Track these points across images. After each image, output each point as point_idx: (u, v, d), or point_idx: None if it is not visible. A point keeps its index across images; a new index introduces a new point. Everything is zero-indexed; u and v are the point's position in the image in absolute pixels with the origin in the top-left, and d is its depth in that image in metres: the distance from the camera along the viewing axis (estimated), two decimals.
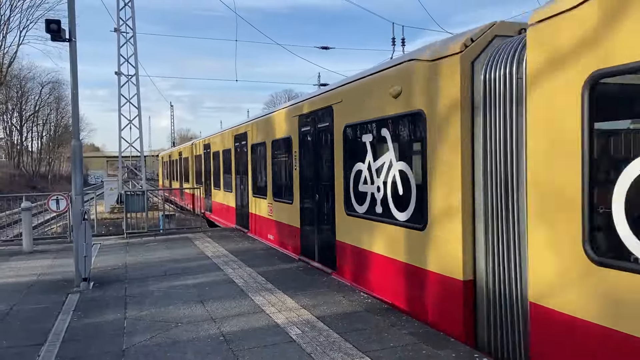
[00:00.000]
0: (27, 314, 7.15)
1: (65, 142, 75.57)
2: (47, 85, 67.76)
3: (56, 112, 76.32)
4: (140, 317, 6.86)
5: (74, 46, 8.71)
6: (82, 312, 7.17)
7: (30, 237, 12.83)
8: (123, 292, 8.22)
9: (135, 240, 14.21)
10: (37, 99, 68.33)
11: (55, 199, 12.95)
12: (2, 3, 39.07)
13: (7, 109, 60.32)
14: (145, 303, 7.53)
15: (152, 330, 6.27)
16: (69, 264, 10.04)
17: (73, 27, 8.69)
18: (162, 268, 10.08)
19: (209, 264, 10.41)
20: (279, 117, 11.89)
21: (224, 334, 6.06)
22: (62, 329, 6.44)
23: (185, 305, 7.37)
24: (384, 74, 7.26)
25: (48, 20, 8.59)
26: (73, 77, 8.77)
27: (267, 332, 6.11)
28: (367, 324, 6.27)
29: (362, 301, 7.27)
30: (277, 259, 10.65)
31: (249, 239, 13.75)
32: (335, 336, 5.87)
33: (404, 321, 6.34)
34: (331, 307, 7.05)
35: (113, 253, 12.04)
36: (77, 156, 8.77)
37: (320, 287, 8.18)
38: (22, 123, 66.57)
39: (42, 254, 12.23)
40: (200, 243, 13.17)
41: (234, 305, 7.27)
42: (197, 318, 6.74)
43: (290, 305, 7.20)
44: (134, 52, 27.72)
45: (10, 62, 44.07)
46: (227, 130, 17.41)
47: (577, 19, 4.01)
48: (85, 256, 8.45)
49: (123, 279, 9.24)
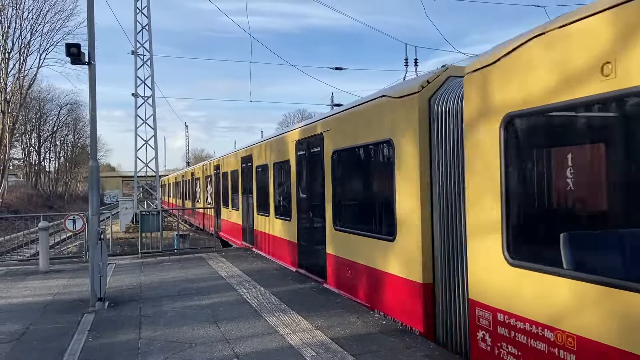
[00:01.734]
0: (43, 334, 7.20)
1: (82, 162, 76.63)
2: (65, 107, 69.04)
3: (74, 133, 77.59)
4: (154, 337, 6.87)
5: (93, 69, 8.91)
6: (97, 332, 7.20)
7: (47, 257, 12.95)
8: (138, 312, 8.25)
9: (149, 259, 14.28)
10: (56, 120, 69.61)
11: (72, 218, 13.07)
12: (23, 27, 40.12)
13: (26, 130, 61.43)
14: (160, 323, 7.54)
15: (166, 351, 6.27)
16: (84, 284, 10.12)
17: (92, 50, 8.90)
18: (176, 288, 10.11)
19: (223, 284, 10.42)
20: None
21: (238, 355, 6.04)
22: (78, 349, 6.47)
23: (199, 325, 7.37)
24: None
25: (68, 44, 8.82)
26: (91, 98, 8.96)
27: (281, 353, 6.07)
28: (382, 346, 6.21)
29: (376, 322, 7.21)
30: (290, 280, 10.62)
31: (262, 258, 13.76)
32: (349, 358, 5.82)
33: (419, 343, 6.27)
34: (345, 328, 7.00)
35: (128, 273, 12.11)
36: (94, 177, 8.89)
37: (334, 307, 8.13)
38: (40, 144, 67.71)
39: (58, 273, 12.33)
40: (214, 263, 13.20)
41: (247, 326, 7.26)
42: (211, 339, 6.73)
43: (304, 326, 7.17)
44: (151, 74, 28.19)
45: (30, 85, 45.03)
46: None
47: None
48: (101, 276, 8.51)
49: (138, 298, 9.28)
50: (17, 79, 41.04)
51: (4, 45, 39.14)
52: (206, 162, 26.47)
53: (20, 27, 40.00)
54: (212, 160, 24.01)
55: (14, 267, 13.65)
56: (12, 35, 39.54)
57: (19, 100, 42.23)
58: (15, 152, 57.48)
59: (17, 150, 59.94)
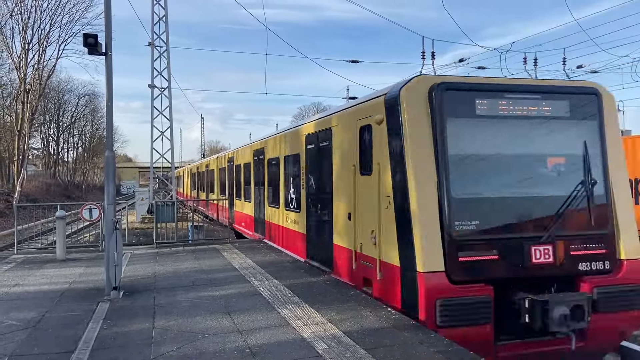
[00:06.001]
0: (58, 321, 7.29)
1: (100, 152, 77.47)
2: (84, 98, 69.76)
3: (91, 124, 78.45)
4: (168, 327, 6.91)
5: (110, 59, 8.95)
6: (112, 320, 7.27)
7: (64, 246, 13.12)
8: (152, 302, 8.31)
9: (164, 250, 14.39)
10: (74, 111, 70.38)
11: (89, 208, 13.21)
12: (42, 18, 40.49)
13: (44, 120, 62.24)
14: (173, 313, 7.59)
15: (179, 341, 6.30)
16: (100, 273, 10.23)
17: (109, 41, 8.93)
18: (190, 278, 10.16)
19: (236, 275, 10.45)
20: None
21: (250, 347, 6.04)
22: (92, 337, 6.53)
23: (212, 316, 7.40)
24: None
25: (86, 34, 8.86)
26: (108, 89, 9.00)
27: (294, 345, 6.07)
28: (395, 341, 6.17)
29: (389, 317, 7.17)
30: (303, 272, 10.61)
31: (276, 251, 13.78)
32: (362, 352, 5.79)
33: (432, 339, 6.21)
34: (358, 322, 6.97)
35: (143, 262, 12.21)
36: (110, 167, 8.95)
37: (347, 301, 8.10)
38: (58, 134, 68.57)
39: (74, 262, 12.49)
40: (228, 254, 13.25)
41: (260, 318, 7.26)
42: (223, 330, 6.75)
43: (317, 319, 7.15)
44: (167, 65, 28.28)
45: (49, 75, 45.50)
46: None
47: None
48: (116, 265, 8.58)
49: (152, 288, 9.35)
50: (37, 70, 41.51)
51: (24, 36, 39.60)
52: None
53: (39, 18, 40.43)
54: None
55: (32, 255, 13.86)
56: (31, 26, 39.98)
57: (38, 91, 42.74)
58: (34, 142, 58.33)
59: (36, 140, 60.85)
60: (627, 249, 7.62)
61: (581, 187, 7.49)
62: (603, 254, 7.48)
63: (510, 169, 7.45)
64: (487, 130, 7.42)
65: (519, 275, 7.17)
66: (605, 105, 7.91)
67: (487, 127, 7.42)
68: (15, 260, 12.77)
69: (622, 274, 7.49)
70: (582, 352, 7.27)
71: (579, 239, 7.38)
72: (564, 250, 7.28)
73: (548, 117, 7.66)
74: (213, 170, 27.75)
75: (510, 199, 7.30)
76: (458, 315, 6.74)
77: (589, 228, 7.46)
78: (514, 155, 7.50)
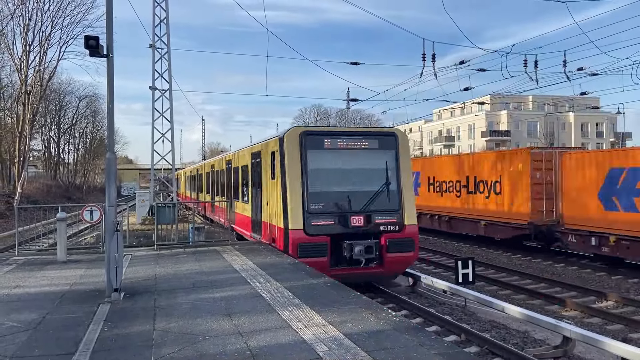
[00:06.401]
0: (59, 323, 7.29)
1: (100, 154, 77.50)
2: (85, 99, 69.69)
3: (92, 125, 78.39)
4: (168, 329, 6.91)
5: (111, 61, 8.96)
6: (113, 322, 7.27)
7: (64, 247, 13.11)
8: (152, 304, 8.31)
9: (165, 251, 14.39)
10: (75, 113, 70.27)
11: (90, 210, 13.18)
12: (44, 20, 40.50)
13: (45, 122, 62.22)
14: (174, 315, 7.59)
15: (179, 343, 6.31)
16: (100, 274, 10.22)
17: (111, 43, 8.95)
18: (191, 280, 10.17)
19: (237, 277, 10.45)
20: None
21: (251, 349, 6.05)
22: (93, 339, 6.54)
23: (213, 318, 7.40)
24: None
25: (87, 36, 8.88)
26: (109, 91, 9.01)
27: (294, 348, 6.07)
28: (395, 343, 6.17)
29: (390, 319, 7.17)
30: (304, 274, 10.61)
31: (277, 252, 13.78)
32: (362, 354, 5.79)
33: (433, 341, 6.22)
34: (359, 324, 6.97)
35: (144, 264, 12.21)
36: (111, 168, 8.96)
37: (347, 303, 8.11)
38: (59, 135, 68.52)
39: (75, 263, 12.49)
40: (229, 256, 13.25)
41: (261, 320, 7.26)
42: (224, 332, 6.75)
43: (318, 321, 7.15)
44: (168, 67, 28.32)
45: (50, 77, 45.48)
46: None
47: None
48: (117, 267, 8.58)
49: (153, 290, 9.35)
50: (38, 72, 41.51)
51: (25, 38, 39.62)
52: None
53: (40, 20, 40.40)
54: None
55: (33, 256, 13.85)
56: (32, 28, 39.96)
57: (39, 93, 42.71)
58: (35, 143, 58.31)
59: (37, 141, 60.83)
60: (408, 219, 13.27)
61: (384, 185, 13.25)
62: (395, 222, 13.10)
63: (342, 176, 13.15)
64: (329, 156, 13.07)
65: (344, 232, 12.71)
66: (400, 141, 13.64)
67: (329, 154, 13.07)
68: (16, 262, 12.77)
69: (404, 233, 13.09)
70: (383, 275, 13.39)
71: (381, 213, 12.99)
72: (370, 219, 12.90)
73: (366, 148, 13.32)
74: (201, 174, 33.61)
75: (341, 192, 13.03)
76: (309, 252, 12.33)
77: (387, 207, 13.12)
78: (345, 169, 13.15)
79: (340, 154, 13.03)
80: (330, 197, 12.79)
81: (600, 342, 8.14)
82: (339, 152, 13.01)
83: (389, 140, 13.52)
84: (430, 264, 18.38)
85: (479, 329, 10.26)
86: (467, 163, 22.84)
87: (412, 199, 13.60)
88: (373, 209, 12.86)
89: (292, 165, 12.68)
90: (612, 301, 12.89)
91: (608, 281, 15.41)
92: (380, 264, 12.79)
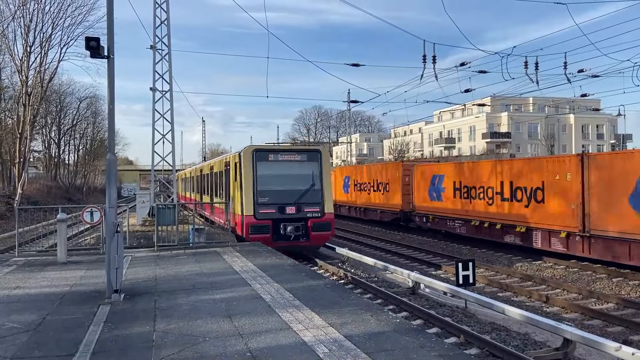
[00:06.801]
0: (59, 324, 7.29)
1: (101, 155, 77.49)
2: (85, 100, 69.64)
3: (93, 126, 78.29)
4: (168, 330, 6.91)
5: (112, 62, 8.97)
6: (113, 323, 7.27)
7: (65, 248, 13.11)
8: (152, 305, 8.31)
9: (165, 253, 14.39)
10: (75, 114, 70.20)
11: (90, 211, 13.18)
12: (44, 21, 40.53)
13: (46, 123, 62.19)
14: (174, 316, 7.59)
15: (179, 344, 6.30)
16: (101, 275, 10.22)
17: (111, 44, 8.96)
18: (191, 281, 10.16)
19: (237, 278, 10.45)
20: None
21: (251, 350, 6.04)
22: (93, 340, 6.54)
23: (213, 319, 7.40)
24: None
25: (88, 37, 8.89)
26: (110, 92, 9.02)
27: (294, 349, 6.06)
28: (396, 345, 6.16)
29: (390, 321, 7.16)
30: (304, 276, 10.61)
31: (277, 254, 13.78)
32: (363, 356, 5.79)
33: (433, 343, 6.21)
34: (359, 325, 6.97)
35: (144, 265, 12.21)
36: (111, 170, 8.96)
37: (347, 305, 8.10)
38: (60, 136, 68.46)
39: (75, 264, 12.49)
40: (229, 257, 13.25)
41: (261, 321, 7.26)
42: (224, 333, 6.74)
43: (318, 322, 7.15)
44: (169, 68, 28.34)
45: (50, 78, 45.46)
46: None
47: None
48: (117, 268, 8.58)
49: (153, 291, 9.35)
50: (38, 73, 41.52)
51: (26, 39, 39.65)
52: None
53: (41, 21, 40.42)
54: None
55: (33, 257, 13.86)
56: (33, 29, 39.98)
57: (39, 94, 42.69)
58: (35, 144, 58.27)
59: (37, 142, 60.78)
60: (327, 209, 17.92)
61: (310, 185, 17.91)
62: (318, 210, 17.71)
63: (281, 179, 17.77)
64: (272, 165, 17.78)
65: (282, 217, 17.29)
66: (322, 155, 18.38)
67: (273, 164, 17.81)
68: (16, 263, 12.77)
69: (324, 218, 17.74)
70: (310, 246, 18.09)
71: (307, 205, 17.63)
72: (300, 208, 17.54)
73: (298, 160, 18.20)
74: (193, 177, 38.41)
75: (280, 190, 17.63)
76: (257, 231, 17.01)
77: (312, 200, 17.75)
78: (283, 174, 17.86)
79: (280, 164, 18.03)
80: (272, 193, 17.51)
81: (601, 344, 8.14)
82: (279, 163, 18.04)
83: (314, 154, 18.42)
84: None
85: (480, 330, 10.24)
86: (373, 171, 32.63)
87: (330, 195, 18.71)
88: (302, 201, 17.70)
89: (247, 172, 17.51)
90: (613, 303, 12.90)
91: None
92: (307, 239, 17.69)
